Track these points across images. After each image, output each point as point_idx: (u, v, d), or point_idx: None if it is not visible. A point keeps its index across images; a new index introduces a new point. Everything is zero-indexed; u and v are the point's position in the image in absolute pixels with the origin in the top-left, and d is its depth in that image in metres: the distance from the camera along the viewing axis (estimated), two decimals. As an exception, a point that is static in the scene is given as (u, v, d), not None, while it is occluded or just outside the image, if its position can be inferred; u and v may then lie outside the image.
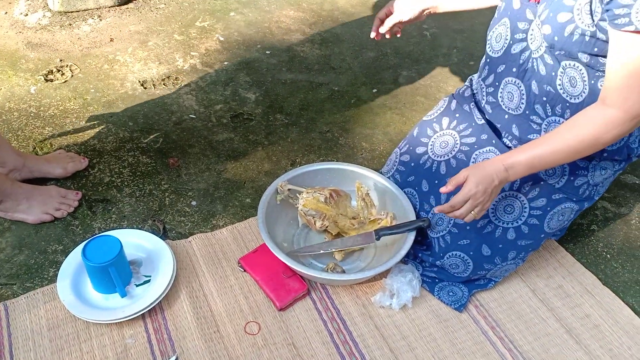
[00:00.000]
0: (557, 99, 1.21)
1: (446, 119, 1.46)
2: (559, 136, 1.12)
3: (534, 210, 1.31)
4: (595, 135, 1.09)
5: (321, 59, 2.10)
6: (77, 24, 2.19)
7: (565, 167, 1.29)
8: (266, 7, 2.34)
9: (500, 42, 1.28)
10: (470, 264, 1.32)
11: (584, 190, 1.32)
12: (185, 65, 2.03)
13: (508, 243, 1.31)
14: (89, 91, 1.91)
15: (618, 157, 1.29)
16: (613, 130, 1.08)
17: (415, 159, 1.47)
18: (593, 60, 1.12)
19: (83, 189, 1.59)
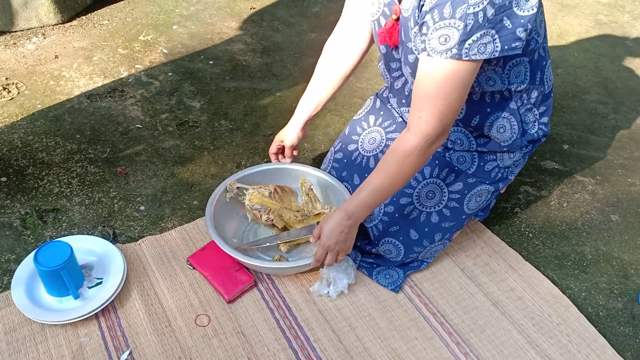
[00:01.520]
0: None
1: (372, 117, 1.57)
2: (376, 174, 1.26)
3: (453, 194, 1.43)
4: (401, 163, 1.22)
5: (263, 66, 2.19)
6: (21, 43, 2.23)
7: (474, 154, 1.42)
8: (208, 19, 2.42)
9: (389, 79, 1.46)
10: (402, 248, 1.43)
11: (496, 174, 1.45)
12: (130, 77, 2.10)
13: (433, 226, 1.43)
14: (35, 107, 1.95)
15: (520, 146, 1.42)
16: (412, 157, 1.20)
17: (347, 156, 1.57)
18: None
19: (33, 200, 1.64)
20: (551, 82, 1.42)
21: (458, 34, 1.08)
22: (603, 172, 1.80)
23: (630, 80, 2.18)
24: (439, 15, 1.09)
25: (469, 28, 1.07)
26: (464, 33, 1.08)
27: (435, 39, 1.11)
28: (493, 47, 1.11)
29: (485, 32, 1.09)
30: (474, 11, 1.06)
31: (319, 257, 1.36)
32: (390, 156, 1.24)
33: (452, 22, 1.08)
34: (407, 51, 1.26)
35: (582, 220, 1.65)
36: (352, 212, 1.30)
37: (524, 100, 1.37)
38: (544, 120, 1.43)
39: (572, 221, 1.65)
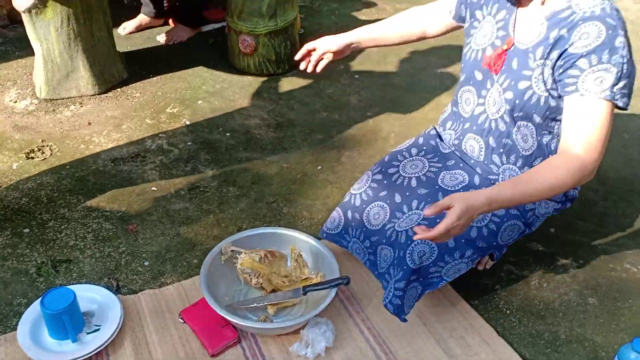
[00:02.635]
0: (512, 150, 1.53)
1: (414, 149, 1.74)
2: (541, 177, 1.32)
3: (495, 217, 1.54)
4: (554, 183, 1.31)
5: (275, 140, 2.37)
6: (59, 110, 2.48)
7: None
8: (231, 96, 2.64)
9: (470, 106, 1.59)
10: (436, 251, 1.48)
11: (530, 217, 1.58)
12: (153, 145, 2.30)
13: (470, 240, 1.51)
14: (64, 167, 2.16)
15: (557, 199, 1.58)
16: (580, 172, 1.31)
17: (387, 178, 1.69)
18: (544, 122, 1.46)
19: (50, 251, 1.80)
20: None
21: (612, 78, 1.29)
22: (586, 256, 1.87)
23: (622, 170, 2.27)
24: (597, 59, 1.29)
25: (619, 75, 1.29)
26: (616, 78, 1.29)
27: (591, 80, 1.30)
28: (626, 99, 1.33)
29: (626, 83, 1.31)
30: (623, 61, 1.29)
31: (439, 232, 1.25)
32: (553, 167, 1.33)
33: (608, 67, 1.29)
34: (518, 78, 1.43)
35: (559, 301, 1.71)
36: (495, 202, 1.30)
37: None
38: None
39: (549, 301, 1.71)
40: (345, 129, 2.45)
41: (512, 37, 1.45)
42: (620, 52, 1.29)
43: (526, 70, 1.42)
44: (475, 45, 1.56)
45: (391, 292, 1.51)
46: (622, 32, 1.31)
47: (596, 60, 1.29)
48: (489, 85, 1.52)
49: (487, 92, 1.53)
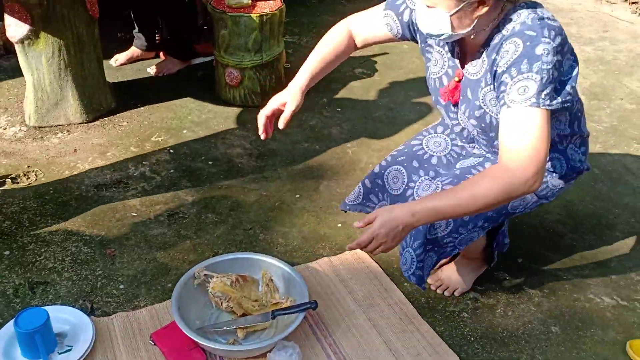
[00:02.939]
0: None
1: (440, 127, 1.81)
2: (465, 192, 1.34)
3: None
4: (486, 197, 1.31)
5: (255, 169, 2.43)
6: (47, 137, 2.55)
7: None
8: (215, 126, 2.72)
9: (449, 124, 1.68)
10: (451, 224, 1.57)
11: (542, 190, 1.63)
12: (136, 172, 2.36)
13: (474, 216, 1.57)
14: (48, 192, 2.21)
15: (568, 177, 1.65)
16: (509, 185, 1.31)
17: (408, 147, 1.79)
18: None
19: (28, 273, 1.85)
20: (587, 132, 1.68)
21: (536, 85, 1.32)
22: (551, 286, 1.92)
23: (591, 204, 2.33)
24: (517, 71, 1.34)
25: (545, 80, 1.32)
26: (540, 85, 1.32)
27: (514, 91, 1.34)
28: (557, 99, 1.35)
29: (554, 87, 1.34)
30: (547, 67, 1.32)
31: (362, 241, 1.38)
32: (482, 179, 1.34)
33: (529, 76, 1.32)
34: (473, 107, 1.52)
35: (523, 329, 1.75)
36: (419, 213, 1.34)
37: (569, 143, 1.63)
38: (583, 159, 1.67)
39: (513, 329, 1.75)
40: (325, 159, 2.52)
41: (459, 68, 1.54)
42: (542, 59, 1.31)
43: (477, 100, 1.51)
44: (432, 74, 1.65)
45: (413, 265, 1.61)
46: (545, 39, 1.33)
47: (516, 72, 1.34)
48: (454, 109, 1.62)
49: (455, 115, 1.63)
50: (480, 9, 1.38)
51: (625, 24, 4.09)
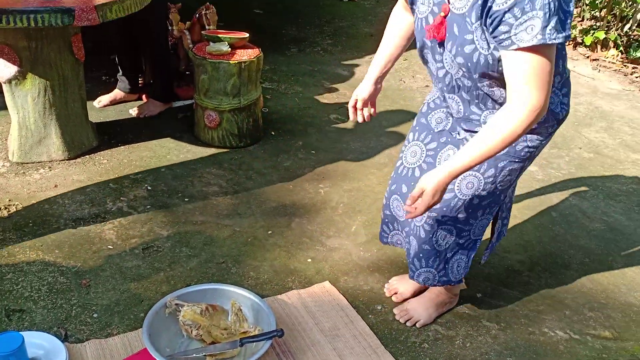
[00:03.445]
0: (486, 97, 1.63)
1: (411, 134, 1.90)
2: (484, 140, 1.49)
3: (488, 178, 1.71)
4: (511, 132, 1.45)
5: (230, 206, 2.53)
6: (29, 173, 2.63)
7: None
8: (193, 165, 2.83)
9: (434, 70, 1.70)
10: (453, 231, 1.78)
11: (525, 152, 1.68)
12: (114, 207, 2.44)
13: (476, 206, 1.75)
14: (27, 225, 2.28)
15: (547, 125, 1.66)
16: (523, 124, 1.43)
17: (396, 172, 1.92)
18: (501, 76, 1.49)
19: (5, 301, 1.90)
20: (568, 71, 1.70)
21: (540, 22, 1.34)
22: (508, 320, 2.02)
23: (548, 245, 2.46)
24: (521, 11, 1.35)
25: (548, 15, 1.34)
26: (544, 20, 1.34)
27: (522, 31, 1.36)
28: (562, 33, 1.37)
29: (558, 18, 1.36)
30: (546, 1, 1.34)
31: (419, 212, 1.59)
32: (500, 126, 1.46)
33: (534, 14, 1.34)
34: (462, 43, 1.51)
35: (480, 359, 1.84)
36: (456, 169, 1.53)
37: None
38: (565, 101, 1.69)
39: (470, 359, 1.84)
40: (297, 198, 2.63)
41: (446, 3, 1.54)
42: None
43: (467, 35, 1.50)
44: (419, 14, 1.63)
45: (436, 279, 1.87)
46: None
47: (520, 12, 1.36)
48: (441, 50, 1.61)
49: (441, 57, 1.62)
50: None
51: (586, 79, 4.34)
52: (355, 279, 2.19)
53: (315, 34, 4.66)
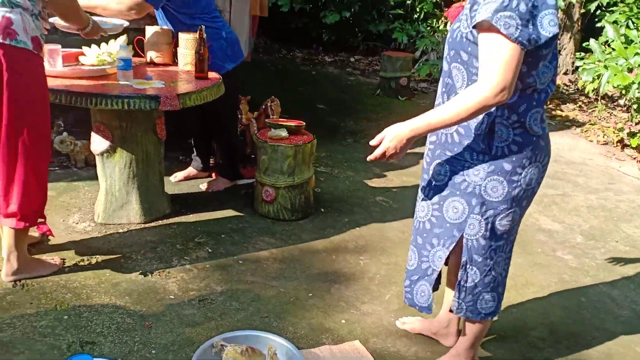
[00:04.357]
0: (451, 90, 1.84)
1: (419, 191, 2.11)
2: (448, 106, 1.71)
3: (435, 205, 1.98)
4: (471, 103, 1.65)
5: (278, 270, 2.84)
6: (110, 233, 3.06)
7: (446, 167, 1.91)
8: (249, 233, 3.18)
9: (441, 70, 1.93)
10: (415, 251, 2.09)
11: (466, 186, 1.87)
12: (178, 265, 2.80)
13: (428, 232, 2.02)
14: (105, 274, 2.67)
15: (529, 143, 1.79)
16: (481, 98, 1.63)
17: (412, 226, 2.17)
18: (469, 59, 1.72)
19: (80, 334, 2.25)
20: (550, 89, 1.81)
21: (495, 5, 1.59)
22: (522, 386, 2.17)
23: (573, 326, 2.60)
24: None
25: (504, 4, 1.57)
26: (500, 6, 1.58)
27: (482, 9, 1.61)
28: (514, 31, 1.57)
29: (513, 16, 1.57)
30: None
31: (378, 154, 1.81)
32: (466, 99, 1.67)
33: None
34: (456, 21, 1.75)
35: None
36: (416, 128, 1.75)
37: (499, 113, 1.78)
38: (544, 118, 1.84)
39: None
40: (338, 267, 2.91)
41: None
42: None
43: (461, 16, 1.76)
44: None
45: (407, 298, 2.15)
46: None
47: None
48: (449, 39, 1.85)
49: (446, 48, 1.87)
50: None
51: (631, 178, 4.49)
52: (383, 341, 2.40)
53: (371, 127, 5.08)
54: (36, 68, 2.34)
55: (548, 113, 6.42)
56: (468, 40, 1.74)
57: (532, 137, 1.80)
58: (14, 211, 2.39)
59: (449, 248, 1.98)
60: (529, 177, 1.84)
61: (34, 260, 2.64)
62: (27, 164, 2.36)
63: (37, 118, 2.36)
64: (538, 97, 1.78)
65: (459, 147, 1.86)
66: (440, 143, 1.93)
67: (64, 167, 3.84)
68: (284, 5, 8.25)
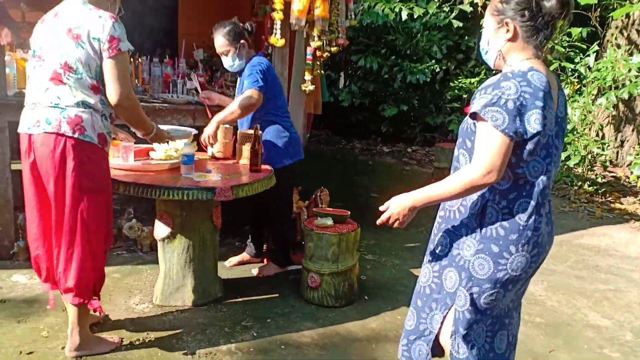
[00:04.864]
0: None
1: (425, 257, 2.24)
2: (444, 182, 1.92)
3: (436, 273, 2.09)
4: (463, 181, 1.86)
5: (318, 355, 2.95)
6: (165, 314, 3.29)
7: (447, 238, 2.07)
8: (293, 318, 3.32)
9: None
10: (415, 313, 2.18)
11: (459, 259, 2.01)
12: (224, 347, 2.97)
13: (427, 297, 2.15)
14: (157, 354, 2.86)
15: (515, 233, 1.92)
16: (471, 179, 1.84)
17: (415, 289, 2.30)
18: (472, 147, 1.92)
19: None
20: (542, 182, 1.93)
21: (485, 100, 1.83)
22: None
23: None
24: (484, 90, 1.86)
25: (493, 101, 1.82)
26: (489, 102, 1.82)
27: (476, 103, 1.85)
28: (501, 123, 1.80)
29: (500, 111, 1.80)
30: (499, 94, 1.82)
31: (384, 218, 2.04)
32: (459, 177, 1.88)
33: (487, 92, 1.84)
34: (463, 123, 2.00)
35: None
36: (417, 199, 1.97)
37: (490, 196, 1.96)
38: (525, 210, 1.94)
39: None
40: (378, 355, 2.99)
41: None
42: (501, 89, 1.81)
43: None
44: None
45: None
46: (514, 81, 1.82)
47: (483, 91, 1.86)
48: None
49: None
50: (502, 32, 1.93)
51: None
52: None
53: (421, 217, 5.19)
54: (99, 160, 2.66)
55: (606, 205, 6.33)
56: (472, 130, 1.94)
57: (519, 225, 1.92)
58: (71, 287, 2.65)
59: (443, 313, 2.09)
60: (516, 265, 1.94)
61: (95, 338, 2.88)
62: (84, 245, 2.64)
63: (97, 204, 2.65)
64: (529, 189, 1.91)
65: (458, 223, 2.03)
66: (445, 218, 2.10)
67: (131, 251, 4.17)
68: (345, 101, 8.73)
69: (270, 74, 3.63)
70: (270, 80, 3.63)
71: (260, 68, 3.56)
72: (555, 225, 2.10)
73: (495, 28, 1.95)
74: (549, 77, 1.89)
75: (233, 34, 3.62)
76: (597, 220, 5.80)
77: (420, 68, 8.25)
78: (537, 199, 1.90)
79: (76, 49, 2.51)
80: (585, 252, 4.88)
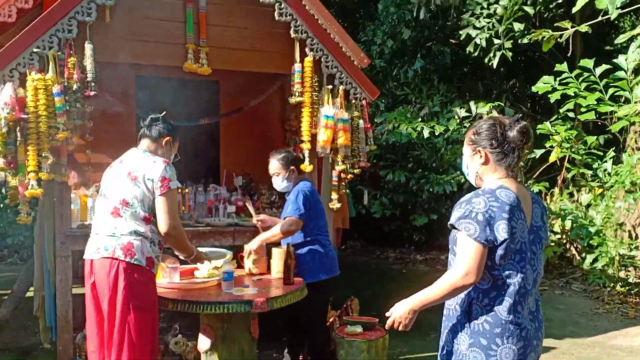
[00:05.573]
0: None
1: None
2: (434, 286, 2.20)
3: None
4: (448, 284, 2.15)
5: None
6: (209, 421, 3.52)
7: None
8: None
9: None
10: None
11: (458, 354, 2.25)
12: None
13: None
14: None
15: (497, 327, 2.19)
16: (454, 281, 2.14)
17: None
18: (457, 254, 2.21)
19: None
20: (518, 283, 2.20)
21: (459, 214, 2.17)
22: None
23: None
24: (459, 205, 2.20)
25: (465, 214, 2.15)
26: (462, 215, 2.16)
27: (453, 216, 2.18)
28: (473, 232, 2.11)
29: (471, 223, 2.13)
30: (470, 209, 2.15)
31: (389, 324, 2.29)
32: (443, 280, 2.17)
33: (462, 206, 2.17)
34: (452, 233, 2.27)
35: None
36: (415, 303, 2.23)
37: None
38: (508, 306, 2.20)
39: None
40: None
41: None
42: (472, 204, 2.15)
43: None
44: None
45: None
46: (483, 197, 2.15)
47: (459, 206, 2.19)
48: None
49: None
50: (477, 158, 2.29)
51: None
52: None
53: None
54: (147, 281, 3.07)
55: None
56: (456, 238, 2.24)
57: (502, 320, 2.18)
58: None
59: None
60: (505, 356, 2.18)
61: None
62: (130, 357, 2.96)
63: (143, 321, 3.02)
64: (507, 289, 2.19)
65: (455, 321, 2.29)
66: (447, 316, 2.37)
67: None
68: (377, 212, 9.13)
69: (313, 197, 4.10)
70: (313, 203, 4.08)
71: (304, 194, 4.04)
72: (588, 328, 2.39)
73: (471, 155, 2.33)
74: (520, 193, 2.25)
75: (286, 160, 4.15)
76: (630, 321, 5.82)
77: (447, 179, 8.68)
78: (514, 297, 2.19)
79: (133, 187, 3.03)
80: (618, 352, 4.91)
